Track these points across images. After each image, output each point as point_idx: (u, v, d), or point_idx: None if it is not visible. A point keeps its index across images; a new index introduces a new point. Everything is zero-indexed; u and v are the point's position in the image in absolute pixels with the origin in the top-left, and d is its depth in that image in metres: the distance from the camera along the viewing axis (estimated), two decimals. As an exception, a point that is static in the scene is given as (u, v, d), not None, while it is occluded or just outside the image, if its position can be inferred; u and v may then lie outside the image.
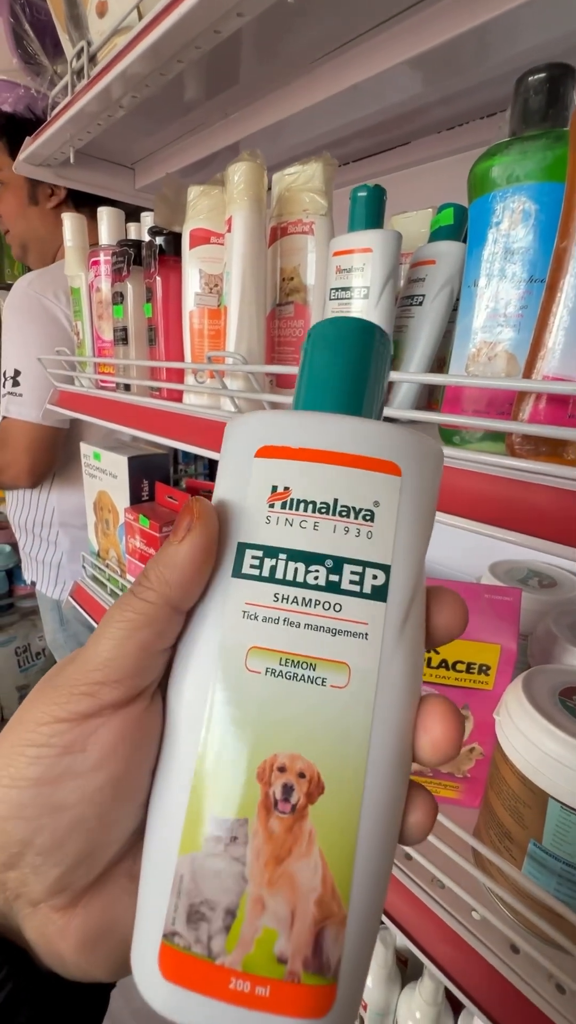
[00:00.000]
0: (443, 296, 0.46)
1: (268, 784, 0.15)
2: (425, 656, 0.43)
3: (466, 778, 0.46)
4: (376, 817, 0.15)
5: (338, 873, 0.14)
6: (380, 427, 0.16)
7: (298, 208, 0.48)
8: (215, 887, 0.14)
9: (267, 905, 0.14)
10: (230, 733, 0.15)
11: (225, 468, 0.18)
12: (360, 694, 0.15)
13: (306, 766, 0.15)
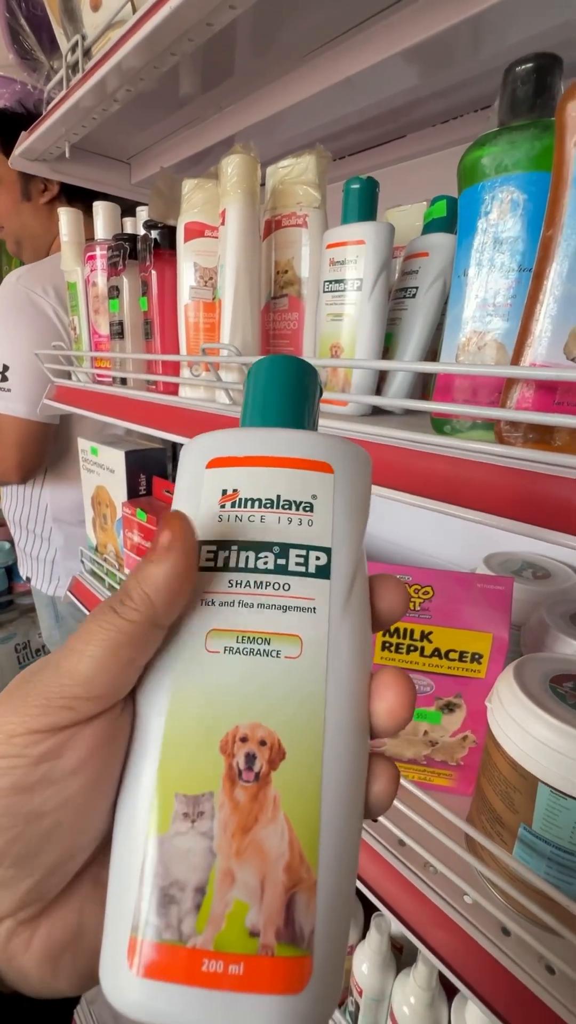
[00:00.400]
0: (436, 288, 0.47)
1: (231, 755, 0.15)
2: (418, 645, 0.43)
3: (459, 766, 0.47)
4: (338, 779, 0.15)
5: (305, 837, 0.15)
6: (314, 435, 0.19)
7: (292, 201, 0.48)
8: (184, 866, 0.14)
9: (236, 877, 0.14)
10: (192, 711, 0.15)
11: (181, 481, 0.19)
12: (313, 662, 0.16)
13: (267, 734, 0.15)
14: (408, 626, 0.43)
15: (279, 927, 0.14)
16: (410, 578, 0.43)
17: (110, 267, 0.63)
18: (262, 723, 0.15)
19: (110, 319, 0.66)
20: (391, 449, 0.36)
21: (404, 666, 0.44)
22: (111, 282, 0.64)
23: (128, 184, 0.84)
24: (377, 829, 0.44)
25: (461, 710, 0.44)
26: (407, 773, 0.48)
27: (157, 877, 0.14)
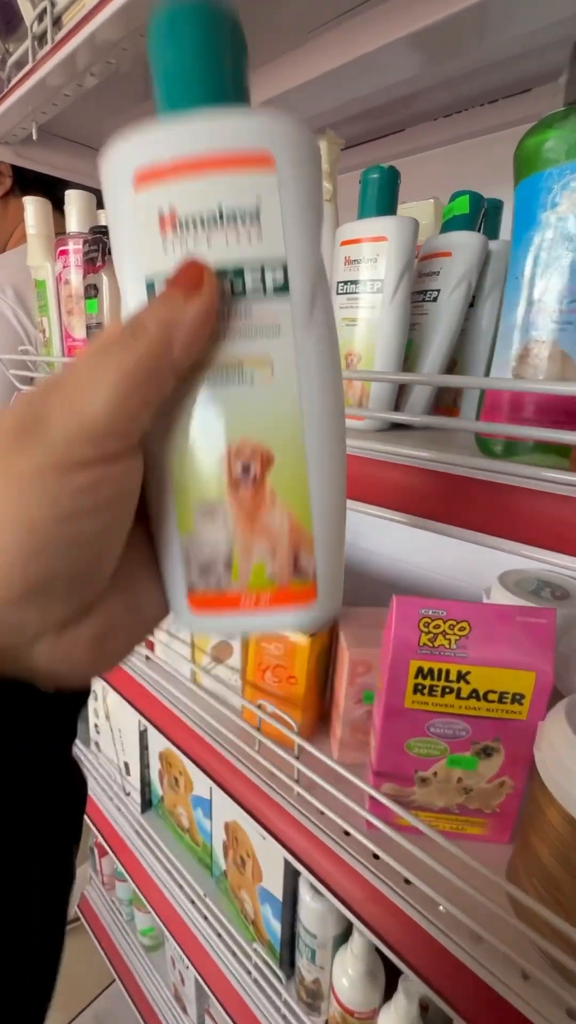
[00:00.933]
0: (460, 291, 0.43)
1: (231, 469, 0.18)
2: (454, 687, 0.39)
3: (495, 813, 0.43)
4: (318, 468, 0.18)
5: (299, 512, 0.18)
6: (244, 117, 0.16)
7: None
8: (212, 551, 0.19)
9: (253, 550, 0.18)
10: (192, 441, 0.18)
11: (112, 213, 0.17)
12: (284, 381, 0.17)
13: (256, 446, 0.18)
14: (443, 666, 0.39)
15: (290, 571, 0.19)
16: (444, 612, 0.39)
17: (86, 263, 0.57)
18: (251, 439, 0.18)
19: (87, 321, 0.59)
20: (429, 473, 0.32)
21: (438, 710, 0.40)
22: (88, 280, 0.57)
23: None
24: (412, 893, 0.40)
25: (499, 754, 0.40)
26: (438, 824, 0.44)
27: (196, 559, 0.19)
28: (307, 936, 0.56)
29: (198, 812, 0.74)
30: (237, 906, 0.69)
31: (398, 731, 0.41)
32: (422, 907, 0.39)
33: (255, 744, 0.52)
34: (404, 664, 0.39)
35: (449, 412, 0.51)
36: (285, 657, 0.51)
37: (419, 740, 0.41)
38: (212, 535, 0.18)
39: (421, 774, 0.42)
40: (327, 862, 0.44)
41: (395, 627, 0.39)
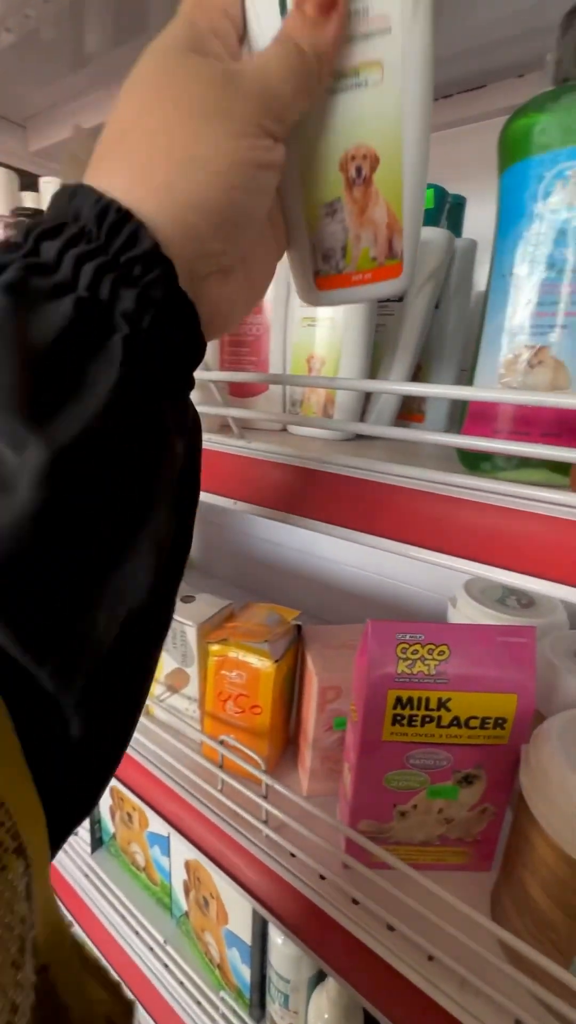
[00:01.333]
0: (427, 291, 0.40)
1: (346, 170, 0.22)
2: (434, 715, 0.36)
3: (476, 841, 0.41)
4: (411, 165, 0.22)
5: (395, 206, 0.22)
6: None
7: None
8: (332, 240, 0.24)
9: (361, 238, 0.23)
10: (315, 148, 0.22)
11: None
12: (392, 82, 0.20)
13: (367, 150, 0.22)
14: (422, 694, 0.36)
15: (386, 253, 0.24)
16: (422, 636, 0.36)
17: (8, 249, 0.50)
18: (364, 142, 0.21)
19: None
20: (405, 492, 0.29)
21: (418, 741, 0.37)
22: (10, 268, 0.50)
23: (24, 151, 0.69)
24: (394, 940, 0.37)
25: (481, 781, 0.38)
26: (418, 857, 0.41)
27: (320, 247, 0.24)
28: (279, 981, 0.52)
29: (155, 850, 0.68)
30: (201, 949, 0.64)
31: (375, 766, 0.38)
32: (406, 955, 0.36)
33: (218, 783, 0.47)
34: (382, 695, 0.36)
35: (413, 419, 0.48)
36: (248, 685, 0.47)
37: (398, 773, 0.38)
38: (333, 228, 0.23)
39: (400, 808, 0.39)
40: (301, 910, 0.40)
41: (371, 655, 0.36)
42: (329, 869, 0.40)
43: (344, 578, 0.77)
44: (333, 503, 0.30)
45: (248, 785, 0.45)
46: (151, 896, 0.71)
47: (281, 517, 0.32)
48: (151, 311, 0.17)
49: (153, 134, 0.17)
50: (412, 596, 0.71)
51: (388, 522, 0.29)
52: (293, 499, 0.32)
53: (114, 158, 0.18)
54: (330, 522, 0.30)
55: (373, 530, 0.29)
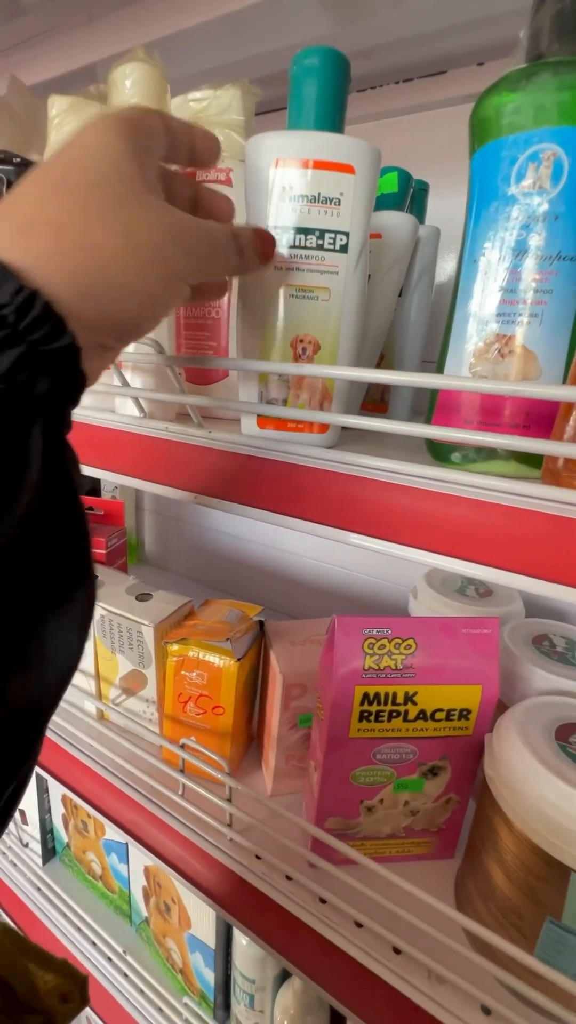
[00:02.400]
0: (392, 276, 0.39)
1: (295, 347, 0.30)
2: (401, 710, 0.36)
3: (440, 830, 0.41)
4: (344, 354, 0.30)
5: (328, 381, 0.31)
6: (346, 141, 0.27)
7: (209, 148, 0.37)
8: (277, 392, 0.31)
9: (300, 396, 0.31)
10: (278, 328, 0.30)
11: (254, 177, 0.29)
12: (335, 301, 0.29)
13: (312, 338, 0.30)
14: (389, 689, 0.36)
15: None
16: (389, 631, 0.36)
17: None
18: (310, 333, 0.30)
19: None
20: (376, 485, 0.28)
21: (384, 736, 0.37)
22: None
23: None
24: (363, 936, 0.37)
25: (446, 772, 0.38)
26: (384, 850, 0.41)
27: (266, 394, 0.31)
28: (244, 982, 0.51)
29: (112, 857, 0.65)
30: (162, 954, 0.62)
31: (342, 764, 0.37)
32: (374, 950, 0.36)
33: (179, 788, 0.46)
34: (349, 692, 0.35)
35: (376, 408, 0.48)
36: (209, 685, 0.45)
37: (364, 769, 0.38)
38: (280, 386, 0.31)
39: (367, 803, 0.39)
40: (268, 913, 0.40)
41: (337, 652, 0.35)
42: (296, 869, 0.40)
43: (305, 571, 0.77)
44: (302, 497, 0.29)
45: (211, 788, 0.43)
46: (109, 904, 0.69)
47: (244, 511, 0.31)
48: (49, 378, 0.17)
49: (108, 262, 0.18)
50: (374, 587, 0.71)
51: (359, 516, 0.28)
52: (258, 493, 0.30)
53: (50, 238, 0.18)
54: (299, 517, 0.29)
55: (344, 525, 0.28)
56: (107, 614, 0.49)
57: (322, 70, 0.27)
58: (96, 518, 0.65)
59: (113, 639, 0.50)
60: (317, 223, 0.28)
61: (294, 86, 0.27)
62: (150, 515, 0.94)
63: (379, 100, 0.54)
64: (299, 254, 0.28)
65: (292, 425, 0.31)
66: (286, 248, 0.28)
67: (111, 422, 0.37)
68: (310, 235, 0.28)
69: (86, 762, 0.51)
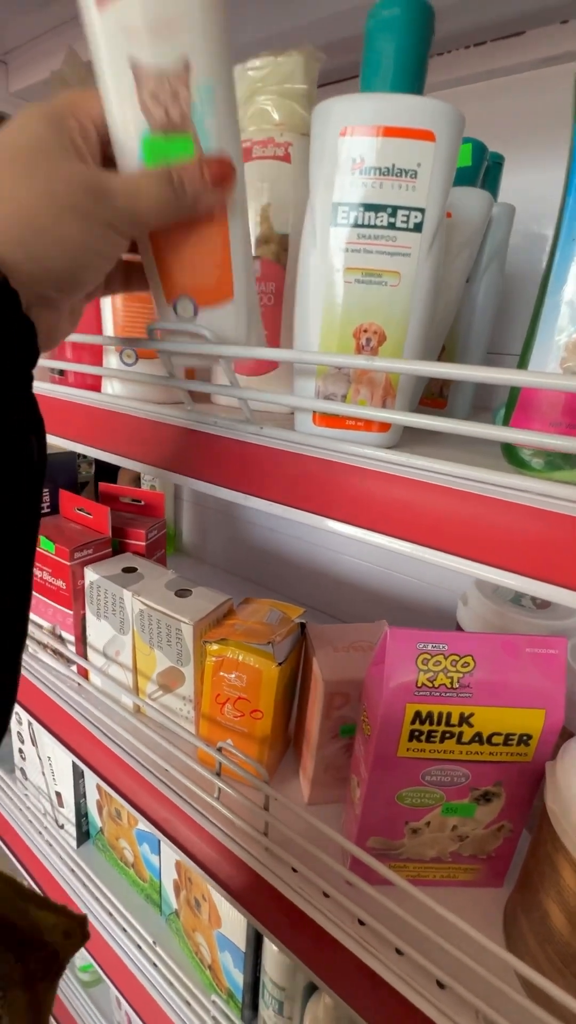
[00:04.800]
0: (461, 260, 0.36)
1: (358, 337, 0.27)
2: (455, 731, 0.33)
3: (489, 858, 0.38)
4: (411, 348, 0.28)
5: (393, 377, 0.28)
6: (426, 103, 0.24)
7: (268, 120, 0.34)
8: (336, 387, 0.28)
9: (360, 392, 0.28)
10: (338, 315, 0.27)
11: (319, 148, 0.26)
12: (405, 287, 0.26)
13: (377, 327, 0.27)
14: (443, 709, 0.33)
15: (381, 404, 0.29)
16: (445, 647, 0.33)
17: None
18: (375, 322, 0.27)
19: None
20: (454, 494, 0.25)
21: (435, 757, 0.34)
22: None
23: (4, 91, 0.63)
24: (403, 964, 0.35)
25: (499, 799, 0.36)
26: (427, 874, 0.39)
27: (322, 391, 0.29)
28: (274, 988, 0.50)
29: (144, 847, 0.66)
30: (191, 948, 0.62)
31: (388, 783, 0.35)
32: (416, 981, 0.34)
33: (214, 790, 0.44)
34: (399, 709, 0.33)
35: (435, 404, 0.44)
36: (248, 688, 0.44)
37: (412, 790, 0.36)
38: (339, 381, 0.28)
39: (413, 825, 0.37)
40: (304, 929, 0.38)
41: (388, 666, 0.33)
42: (333, 886, 0.38)
43: (345, 569, 0.74)
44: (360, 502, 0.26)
45: (246, 793, 0.42)
46: (139, 893, 0.69)
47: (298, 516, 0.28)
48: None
49: (30, 213, 0.21)
50: (418, 590, 0.68)
51: (423, 525, 0.25)
52: (313, 495, 0.28)
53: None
54: (357, 525, 0.26)
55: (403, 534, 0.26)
56: (146, 609, 0.48)
57: (404, 22, 0.24)
58: (136, 509, 0.65)
59: (151, 634, 0.49)
60: (389, 198, 0.25)
61: (370, 42, 0.24)
62: (188, 505, 0.94)
63: (449, 66, 0.50)
64: (367, 234, 0.25)
65: (352, 423, 0.28)
66: (352, 227, 0.25)
67: (151, 413, 0.35)
68: (381, 212, 0.25)
69: (121, 756, 0.51)
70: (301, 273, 0.28)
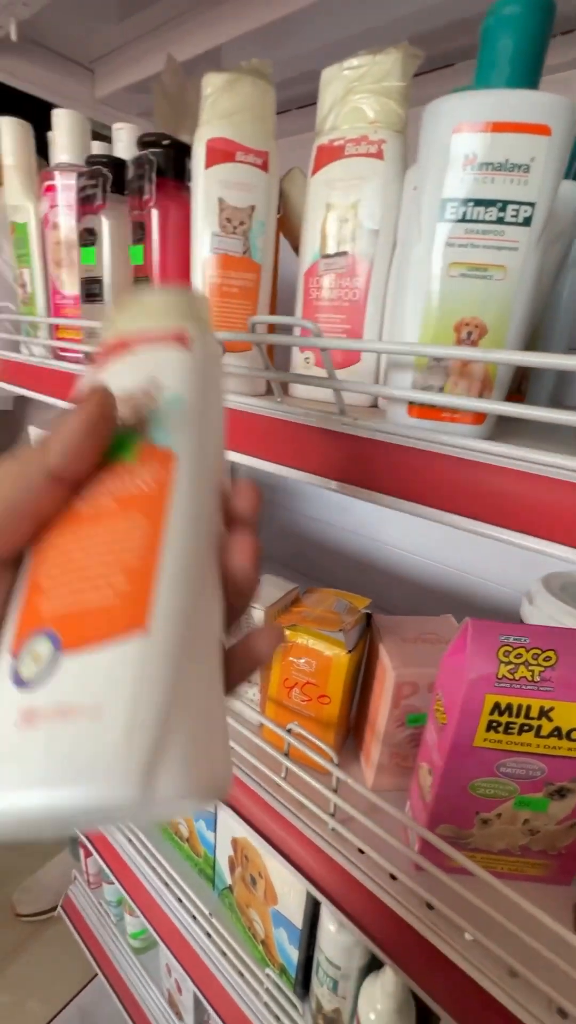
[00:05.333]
0: (555, 252, 0.36)
1: (459, 331, 0.27)
2: (534, 724, 0.34)
3: (560, 854, 0.38)
4: (513, 342, 0.28)
5: (491, 369, 0.28)
6: (541, 96, 0.24)
7: (363, 119, 0.35)
8: (434, 379, 0.29)
9: (459, 384, 0.29)
10: (442, 307, 0.27)
11: (429, 145, 0.26)
12: (511, 281, 0.26)
13: (479, 321, 0.27)
14: (523, 701, 0.33)
15: (477, 396, 0.30)
16: (527, 640, 0.33)
17: (82, 202, 0.47)
18: (478, 316, 0.27)
19: (81, 274, 0.49)
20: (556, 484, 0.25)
21: (511, 749, 0.34)
22: (83, 223, 0.47)
23: (90, 97, 0.66)
24: (472, 950, 0.35)
25: (574, 796, 0.36)
26: (495, 866, 0.39)
27: (419, 381, 0.29)
28: (329, 966, 0.52)
29: (200, 824, 0.68)
30: (244, 923, 0.64)
31: (462, 772, 0.36)
32: (487, 968, 0.34)
33: (281, 770, 0.46)
34: (479, 699, 0.33)
35: (512, 398, 0.44)
36: (317, 674, 0.45)
37: (486, 781, 0.36)
38: (437, 374, 0.28)
39: (483, 816, 0.37)
40: (372, 909, 0.39)
41: (470, 657, 0.33)
42: (400, 869, 0.39)
43: (401, 564, 0.74)
44: (457, 490, 0.27)
45: (313, 774, 0.43)
46: (193, 867, 0.72)
47: (389, 502, 0.29)
48: None
49: None
50: (477, 587, 0.67)
51: (520, 514, 0.26)
52: (407, 484, 0.29)
53: None
54: (451, 511, 0.27)
55: (502, 522, 0.26)
56: (217, 594, 0.50)
57: (524, 19, 0.24)
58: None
59: (221, 618, 0.51)
60: (500, 193, 0.25)
61: (487, 39, 0.25)
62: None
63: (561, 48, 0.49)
64: (475, 229, 0.26)
65: (447, 415, 0.29)
66: (459, 222, 0.26)
67: (249, 405, 0.36)
68: (490, 208, 0.25)
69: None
70: (401, 267, 0.29)
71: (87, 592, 0.15)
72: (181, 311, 0.22)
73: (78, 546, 0.16)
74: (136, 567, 0.15)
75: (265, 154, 0.37)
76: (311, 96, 0.58)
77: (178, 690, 0.14)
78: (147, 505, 0.17)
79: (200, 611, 0.16)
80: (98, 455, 0.17)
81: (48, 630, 0.15)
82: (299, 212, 0.41)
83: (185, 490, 0.17)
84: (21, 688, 0.14)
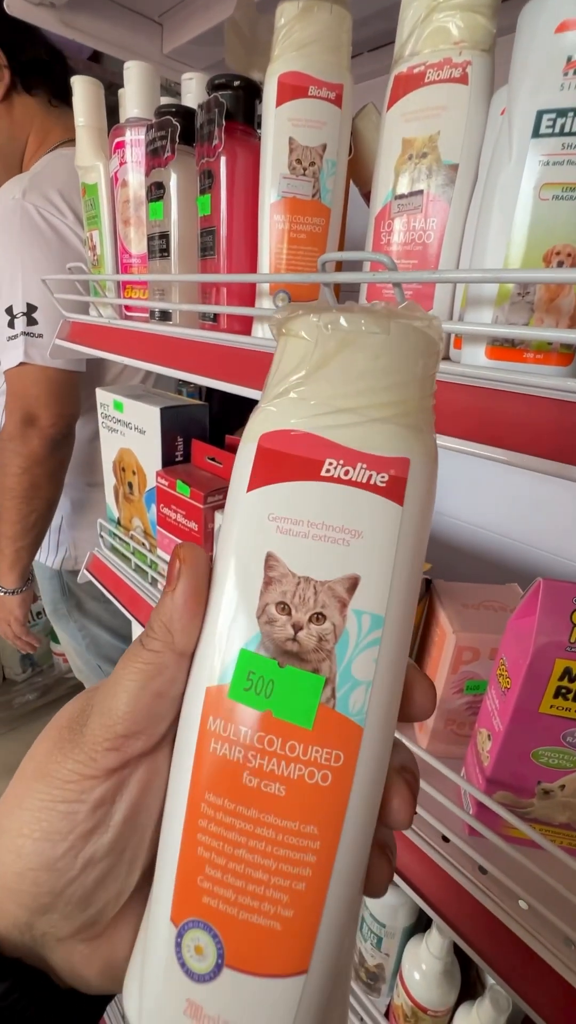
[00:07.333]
0: None
1: (549, 260, 0.25)
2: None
3: (626, 832, 0.36)
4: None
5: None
6: None
7: (447, 39, 0.32)
8: (516, 316, 0.27)
9: (544, 321, 0.26)
10: (532, 234, 0.25)
11: (524, 50, 0.24)
12: None
13: (572, 249, 0.24)
14: (598, 668, 0.31)
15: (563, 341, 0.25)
16: (606, 604, 0.31)
17: (150, 156, 0.47)
18: (569, 243, 0.24)
19: (148, 230, 0.50)
20: None
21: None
22: (152, 177, 0.47)
23: (158, 52, 0.65)
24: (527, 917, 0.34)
25: None
26: (553, 839, 0.38)
27: (500, 321, 0.27)
28: (374, 923, 0.52)
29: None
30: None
31: (526, 738, 0.35)
32: (544, 937, 0.33)
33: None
34: (547, 664, 0.32)
35: None
36: (372, 635, 0.45)
37: (550, 750, 0.34)
38: (522, 310, 0.26)
39: (545, 786, 0.36)
40: (424, 870, 0.39)
41: (541, 619, 0.32)
42: (453, 832, 0.38)
43: (462, 536, 0.72)
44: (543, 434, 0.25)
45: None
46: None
47: (467, 447, 0.28)
48: None
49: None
50: (539, 560, 0.64)
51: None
52: (487, 429, 0.27)
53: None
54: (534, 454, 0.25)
55: None
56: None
57: None
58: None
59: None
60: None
61: None
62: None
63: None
64: (573, 143, 0.23)
65: (530, 356, 0.27)
66: (556, 135, 0.24)
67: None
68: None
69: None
70: (486, 194, 0.27)
71: (254, 913, 0.15)
72: (408, 388, 0.15)
73: (242, 827, 0.15)
74: (306, 901, 0.15)
75: (339, 87, 0.35)
76: (387, 35, 0.55)
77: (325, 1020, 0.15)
78: (323, 807, 0.15)
79: (351, 945, 0.17)
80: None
81: (211, 929, 0.15)
82: (372, 152, 0.39)
83: (365, 792, 0.15)
84: (187, 974, 0.15)
